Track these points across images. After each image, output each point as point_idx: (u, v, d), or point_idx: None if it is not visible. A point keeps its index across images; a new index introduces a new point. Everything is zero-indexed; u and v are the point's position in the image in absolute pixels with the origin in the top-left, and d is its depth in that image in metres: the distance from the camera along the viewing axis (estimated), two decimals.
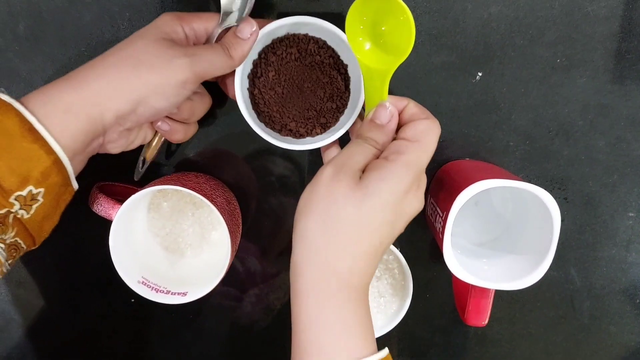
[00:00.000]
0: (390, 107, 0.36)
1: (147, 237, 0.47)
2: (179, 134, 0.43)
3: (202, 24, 0.40)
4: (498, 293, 0.43)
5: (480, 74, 0.46)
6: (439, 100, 0.47)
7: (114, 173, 0.46)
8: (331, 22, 0.40)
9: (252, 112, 0.42)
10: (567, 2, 0.45)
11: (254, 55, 0.42)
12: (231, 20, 0.40)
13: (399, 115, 0.36)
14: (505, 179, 0.39)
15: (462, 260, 0.42)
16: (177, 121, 0.42)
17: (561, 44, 0.46)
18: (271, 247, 0.52)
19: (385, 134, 0.36)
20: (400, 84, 0.47)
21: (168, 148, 0.49)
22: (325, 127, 0.43)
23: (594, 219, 0.50)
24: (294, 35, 0.42)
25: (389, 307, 0.49)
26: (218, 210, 0.41)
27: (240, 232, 0.46)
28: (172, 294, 0.43)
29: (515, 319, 0.52)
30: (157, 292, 0.43)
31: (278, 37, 0.42)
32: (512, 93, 0.47)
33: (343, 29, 0.37)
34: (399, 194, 0.33)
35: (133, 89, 0.35)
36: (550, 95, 0.47)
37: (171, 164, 0.49)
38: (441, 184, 0.46)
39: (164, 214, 0.48)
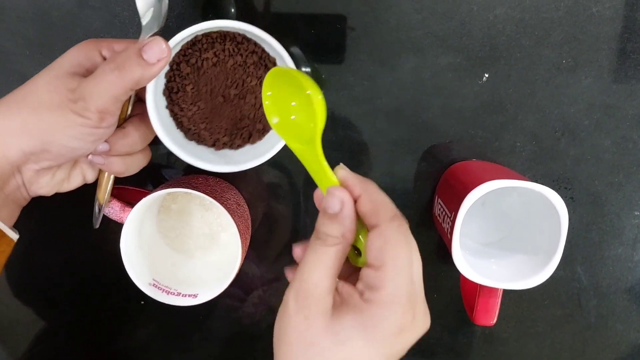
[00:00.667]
0: (337, 193, 0.29)
1: (157, 239, 0.47)
2: (117, 166, 0.38)
3: (124, 44, 0.36)
4: (505, 292, 0.44)
5: (486, 75, 0.47)
6: (446, 101, 0.47)
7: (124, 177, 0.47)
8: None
9: (177, 131, 0.37)
10: (572, 3, 0.45)
11: (165, 67, 0.35)
12: (149, 29, 0.35)
13: (359, 200, 0.30)
14: (513, 179, 0.39)
15: (470, 260, 0.42)
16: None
17: (566, 45, 0.46)
18: (271, 252, 0.52)
19: (341, 223, 0.29)
20: (407, 86, 0.47)
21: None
22: (264, 132, 0.38)
23: (600, 218, 0.50)
24: (206, 35, 0.35)
25: None
26: (228, 212, 0.41)
27: (250, 234, 0.47)
28: (183, 295, 0.43)
29: (523, 317, 0.53)
30: (168, 294, 0.43)
31: (188, 42, 0.36)
32: (518, 94, 0.47)
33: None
34: (390, 339, 0.27)
35: (36, 128, 0.33)
36: (556, 96, 0.47)
37: (180, 167, 0.50)
38: (449, 184, 0.46)
39: (173, 217, 0.48)
